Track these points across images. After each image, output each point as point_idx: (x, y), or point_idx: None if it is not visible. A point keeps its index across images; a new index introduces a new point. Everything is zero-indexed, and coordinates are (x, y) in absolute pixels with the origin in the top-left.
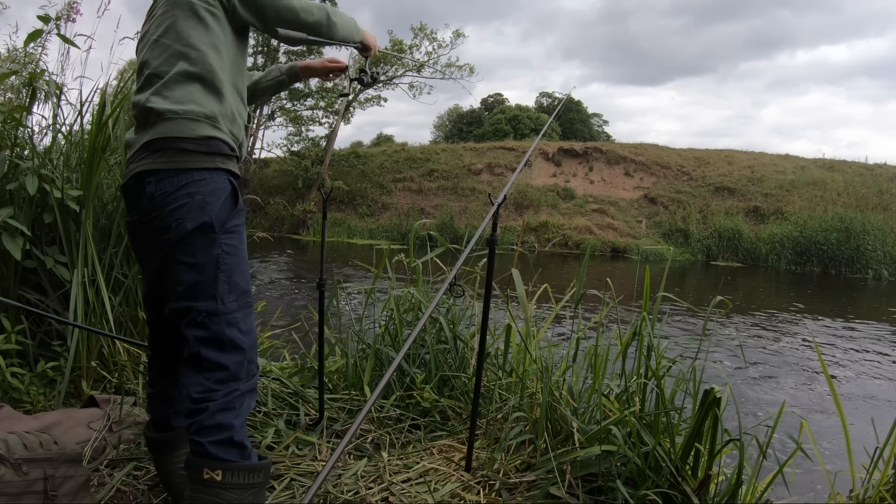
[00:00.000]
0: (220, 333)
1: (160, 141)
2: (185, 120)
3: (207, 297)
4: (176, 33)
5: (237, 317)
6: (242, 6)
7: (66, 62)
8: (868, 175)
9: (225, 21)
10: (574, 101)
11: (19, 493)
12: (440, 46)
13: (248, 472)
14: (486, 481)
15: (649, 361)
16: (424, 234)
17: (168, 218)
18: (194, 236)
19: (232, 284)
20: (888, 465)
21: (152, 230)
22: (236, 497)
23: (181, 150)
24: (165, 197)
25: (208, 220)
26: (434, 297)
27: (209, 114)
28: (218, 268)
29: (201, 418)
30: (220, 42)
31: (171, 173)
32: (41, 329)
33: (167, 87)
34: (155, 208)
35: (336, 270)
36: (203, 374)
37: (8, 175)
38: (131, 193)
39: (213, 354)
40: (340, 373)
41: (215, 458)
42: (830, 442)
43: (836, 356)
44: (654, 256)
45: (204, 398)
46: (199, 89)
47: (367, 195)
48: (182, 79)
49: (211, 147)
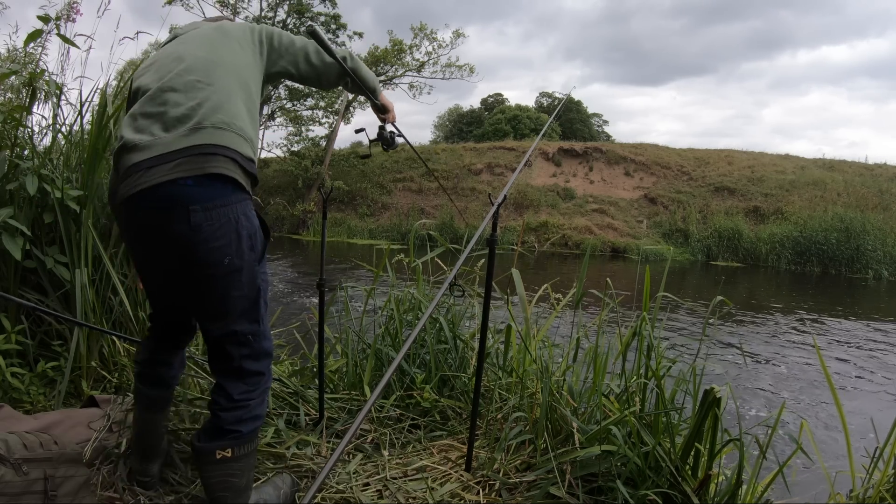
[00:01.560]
0: (261, 348)
1: (211, 147)
2: (237, 136)
3: (251, 321)
4: (226, 60)
5: (267, 329)
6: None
7: (66, 62)
8: (868, 175)
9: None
10: (574, 101)
11: (19, 493)
12: (440, 46)
13: (249, 444)
14: (486, 481)
15: (649, 361)
16: (424, 234)
17: (217, 254)
18: (243, 272)
19: (266, 302)
20: (888, 465)
21: (191, 261)
22: (243, 464)
23: (228, 179)
24: (214, 231)
25: (255, 257)
26: (434, 296)
27: (251, 137)
28: (259, 296)
29: (241, 413)
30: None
31: (220, 204)
32: (41, 329)
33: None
34: (200, 241)
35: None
36: (243, 380)
37: (8, 175)
38: (156, 212)
39: (253, 365)
40: (340, 373)
41: (236, 440)
42: (830, 442)
43: (837, 356)
44: (654, 256)
45: (245, 398)
46: (245, 114)
47: (367, 195)
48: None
49: (252, 168)
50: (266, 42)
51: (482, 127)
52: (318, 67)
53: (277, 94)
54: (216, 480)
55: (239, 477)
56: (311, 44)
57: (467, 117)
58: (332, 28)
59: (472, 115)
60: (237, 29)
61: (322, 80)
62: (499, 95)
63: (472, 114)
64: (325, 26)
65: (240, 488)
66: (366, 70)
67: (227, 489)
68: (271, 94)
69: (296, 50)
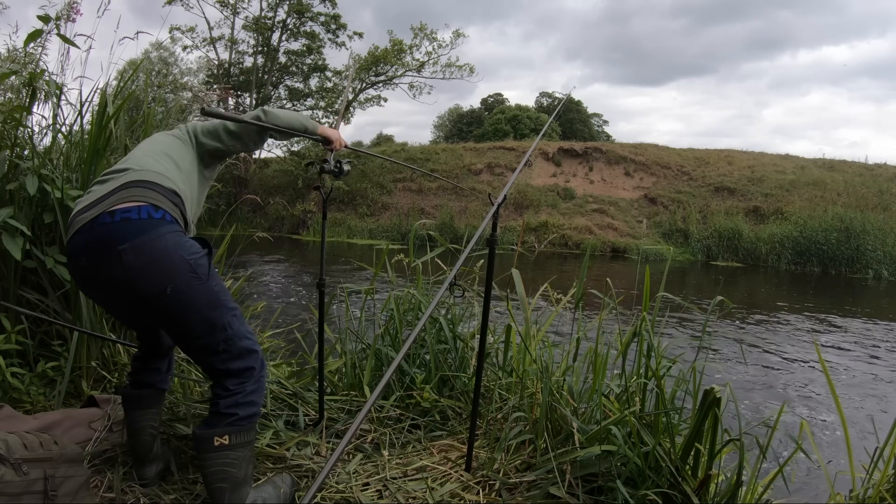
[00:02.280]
0: (238, 349)
1: (136, 183)
2: (160, 175)
3: (220, 329)
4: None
5: (242, 328)
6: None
7: (66, 62)
8: (868, 175)
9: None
10: (574, 101)
11: (19, 493)
12: (440, 46)
13: (247, 432)
14: (486, 481)
15: (649, 361)
16: (424, 234)
17: (156, 286)
18: (191, 294)
19: (229, 308)
20: (888, 465)
21: (138, 297)
22: (240, 454)
23: (156, 207)
24: (146, 266)
25: (200, 277)
26: (434, 296)
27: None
28: (218, 307)
29: (237, 398)
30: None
31: (147, 239)
32: (41, 329)
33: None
34: (135, 277)
35: (339, 276)
36: (235, 376)
37: (8, 175)
38: (90, 261)
39: (239, 364)
40: (340, 373)
41: (233, 425)
42: (830, 442)
43: (837, 356)
44: (654, 256)
45: (239, 387)
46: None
47: (367, 195)
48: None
49: (178, 202)
50: (192, 133)
51: (482, 127)
52: (239, 135)
53: (277, 94)
54: (214, 470)
55: (237, 468)
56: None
57: (467, 117)
58: (333, 28)
59: (472, 115)
60: (175, 131)
61: (249, 144)
62: (499, 95)
63: (472, 114)
64: (324, 26)
65: (238, 480)
66: (286, 116)
67: (224, 479)
68: (271, 94)
69: (216, 129)
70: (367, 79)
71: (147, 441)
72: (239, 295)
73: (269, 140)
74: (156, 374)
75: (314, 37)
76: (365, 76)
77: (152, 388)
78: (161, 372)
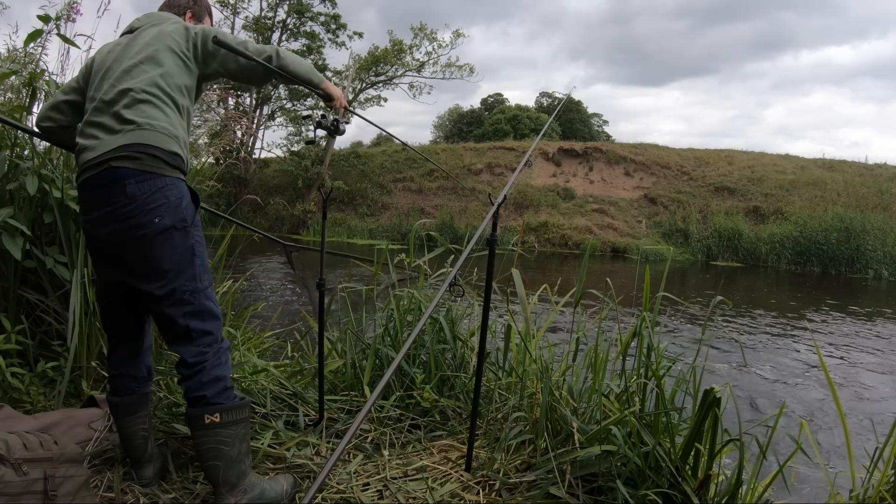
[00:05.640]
0: (202, 306)
1: (138, 146)
2: (160, 134)
3: (188, 277)
4: (157, 63)
5: (210, 292)
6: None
7: (66, 62)
8: (868, 175)
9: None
10: (574, 101)
11: (19, 493)
12: (440, 46)
13: (237, 410)
14: (486, 481)
15: (649, 361)
16: (424, 234)
17: (149, 215)
18: (172, 230)
19: (204, 266)
20: (888, 465)
21: (130, 226)
22: (233, 432)
23: (155, 157)
24: (146, 197)
25: (183, 216)
26: (434, 296)
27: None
28: (193, 253)
29: (201, 376)
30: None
31: (149, 176)
32: (41, 329)
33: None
34: (136, 207)
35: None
36: (193, 342)
37: (8, 175)
38: (101, 191)
39: (199, 324)
40: (340, 373)
41: (215, 404)
42: (830, 442)
43: (837, 356)
44: (654, 256)
45: (199, 361)
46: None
47: (367, 195)
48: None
49: (176, 161)
50: (201, 45)
51: (482, 127)
52: (245, 67)
53: (277, 94)
54: (208, 447)
55: (229, 446)
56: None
57: (467, 117)
58: (333, 28)
59: (472, 115)
60: (174, 33)
61: (251, 79)
62: (499, 95)
63: (473, 114)
64: (324, 26)
65: (231, 458)
66: (298, 63)
67: (218, 457)
68: (271, 94)
69: (226, 57)
70: (367, 79)
71: (140, 444)
72: (239, 295)
73: (270, 140)
74: (133, 382)
75: (314, 37)
76: (365, 76)
77: (135, 395)
78: (139, 379)
